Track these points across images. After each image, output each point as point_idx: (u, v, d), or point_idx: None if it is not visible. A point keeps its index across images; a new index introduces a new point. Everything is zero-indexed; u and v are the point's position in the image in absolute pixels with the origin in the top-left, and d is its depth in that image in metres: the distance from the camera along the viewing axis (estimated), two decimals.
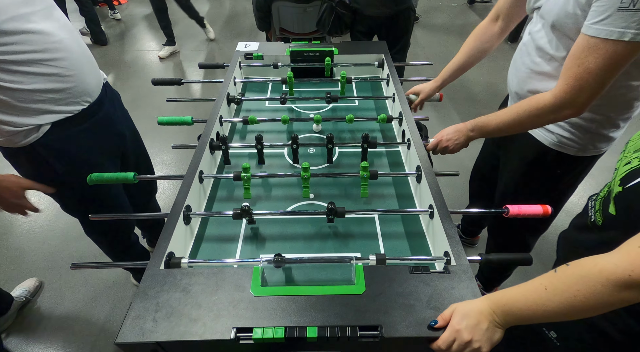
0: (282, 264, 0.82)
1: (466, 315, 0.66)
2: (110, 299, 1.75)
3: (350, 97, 1.59)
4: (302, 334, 0.67)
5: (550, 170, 1.15)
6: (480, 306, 0.66)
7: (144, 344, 0.67)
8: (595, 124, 1.01)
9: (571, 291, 0.57)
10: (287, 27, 2.69)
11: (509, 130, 1.01)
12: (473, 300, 0.69)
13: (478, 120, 1.08)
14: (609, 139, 1.06)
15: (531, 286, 0.62)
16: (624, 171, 0.65)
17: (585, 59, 0.79)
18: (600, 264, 0.56)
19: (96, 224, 1.39)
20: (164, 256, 0.82)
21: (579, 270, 0.58)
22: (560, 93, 0.86)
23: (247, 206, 0.95)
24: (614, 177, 0.69)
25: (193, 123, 1.31)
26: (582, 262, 0.58)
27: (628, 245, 0.55)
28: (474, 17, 4.86)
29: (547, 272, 0.62)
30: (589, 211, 0.78)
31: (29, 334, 1.61)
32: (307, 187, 1.07)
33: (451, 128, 1.14)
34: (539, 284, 0.61)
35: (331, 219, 1.01)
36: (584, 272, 0.57)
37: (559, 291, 0.58)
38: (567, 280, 0.58)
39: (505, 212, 0.94)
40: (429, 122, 1.38)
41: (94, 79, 1.15)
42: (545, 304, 0.59)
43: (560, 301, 0.58)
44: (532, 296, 0.61)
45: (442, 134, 1.15)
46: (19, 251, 1.98)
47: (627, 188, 0.62)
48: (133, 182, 1.05)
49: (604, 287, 0.54)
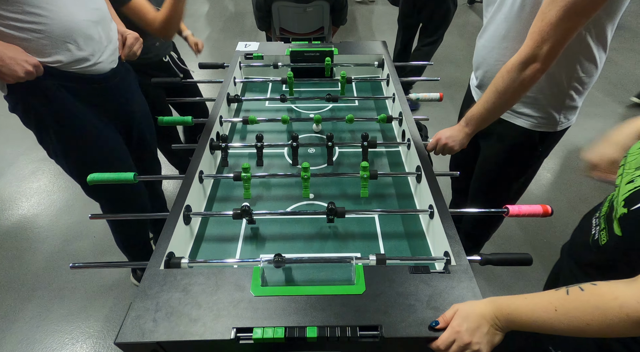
0: (282, 264, 0.82)
1: (467, 317, 0.65)
2: (110, 299, 1.75)
3: (350, 97, 1.59)
4: (302, 334, 0.67)
5: (534, 150, 1.24)
6: (482, 309, 0.66)
7: (144, 344, 0.67)
8: (567, 97, 1.10)
9: (585, 319, 0.55)
10: (287, 27, 2.69)
11: (496, 109, 1.04)
12: (475, 302, 0.68)
13: (467, 114, 1.12)
14: (576, 108, 1.15)
15: (540, 302, 0.60)
16: (628, 191, 0.62)
17: (548, 12, 0.84)
18: (621, 298, 0.53)
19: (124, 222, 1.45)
20: (164, 256, 0.82)
21: (596, 300, 0.55)
22: (525, 48, 0.92)
23: (247, 206, 0.95)
24: (616, 195, 0.66)
25: (193, 123, 1.31)
26: (598, 290, 0.56)
27: None
28: (474, 17, 4.87)
29: (558, 291, 0.60)
30: (593, 229, 0.75)
31: (29, 334, 1.61)
32: (307, 187, 1.07)
33: (447, 129, 1.18)
34: (549, 303, 0.59)
35: (331, 219, 1.01)
36: (601, 304, 0.54)
37: (571, 316, 0.56)
38: (581, 307, 0.56)
39: (505, 212, 0.94)
40: (429, 122, 1.38)
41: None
42: (554, 324, 0.58)
43: (570, 324, 0.57)
44: (540, 314, 0.60)
45: (440, 134, 1.17)
46: (19, 251, 1.98)
47: (633, 210, 0.58)
48: (133, 182, 1.05)
49: (623, 322, 0.52)
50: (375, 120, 1.36)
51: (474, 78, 1.30)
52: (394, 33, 3.11)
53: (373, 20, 4.93)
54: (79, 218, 2.17)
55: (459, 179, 1.63)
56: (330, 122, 1.47)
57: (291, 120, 1.40)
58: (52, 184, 2.40)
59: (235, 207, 0.96)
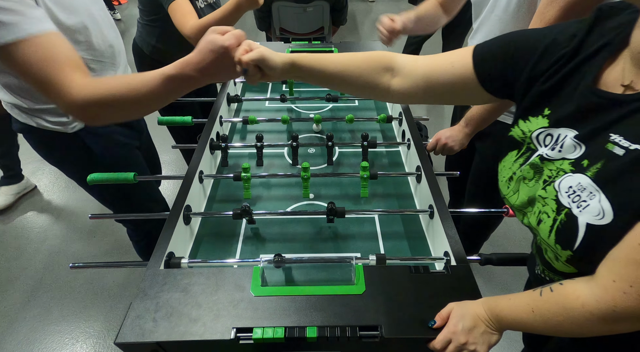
0: (282, 264, 0.82)
1: (463, 317, 0.66)
2: (110, 299, 1.75)
3: (350, 97, 1.58)
4: (302, 334, 0.67)
5: None
6: (476, 309, 0.66)
7: (144, 344, 0.67)
8: None
9: (557, 319, 0.55)
10: (287, 27, 2.69)
11: (496, 109, 1.05)
12: (471, 302, 0.68)
13: (467, 114, 1.12)
14: None
15: (519, 303, 0.61)
16: (550, 231, 0.55)
17: (547, 13, 0.84)
18: (582, 298, 0.53)
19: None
20: (164, 256, 0.82)
21: (562, 300, 0.55)
22: None
23: (247, 206, 0.95)
24: (540, 239, 0.59)
25: (193, 123, 1.31)
26: (564, 291, 0.56)
27: (603, 278, 0.51)
28: None
29: (534, 292, 0.60)
30: (542, 281, 0.70)
31: (29, 334, 1.61)
32: (307, 187, 1.07)
33: (447, 129, 1.18)
34: (526, 304, 0.60)
35: (331, 219, 1.01)
36: (567, 304, 0.54)
37: (545, 317, 0.57)
38: (551, 308, 0.56)
39: (505, 212, 0.94)
40: (429, 122, 1.38)
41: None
42: (534, 325, 0.59)
43: (546, 324, 0.57)
44: (521, 315, 0.60)
45: (440, 134, 1.18)
46: (19, 251, 1.98)
47: (578, 249, 0.52)
48: (133, 182, 1.05)
49: (589, 320, 0.52)
50: (375, 120, 1.36)
51: None
52: None
53: (373, 20, 4.93)
54: (79, 218, 2.17)
55: (455, 180, 1.64)
56: (330, 122, 1.47)
57: (291, 121, 1.41)
58: (52, 184, 2.40)
59: (236, 207, 0.96)
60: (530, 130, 0.61)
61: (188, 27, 1.28)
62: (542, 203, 0.57)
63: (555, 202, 0.55)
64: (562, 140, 0.56)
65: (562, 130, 0.57)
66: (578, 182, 0.52)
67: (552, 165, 0.57)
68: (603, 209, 0.49)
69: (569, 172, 0.54)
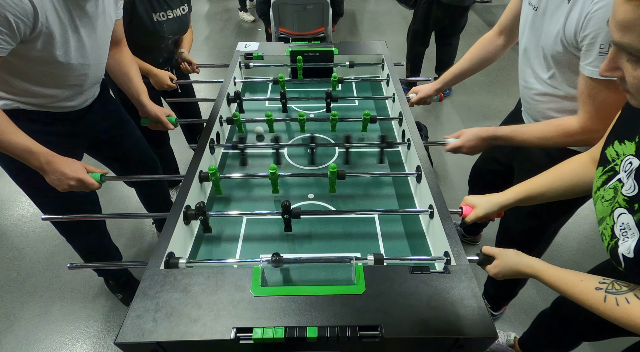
0: (281, 264, 0.82)
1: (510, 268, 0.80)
2: (110, 299, 1.75)
3: (350, 98, 1.58)
4: (302, 334, 0.67)
5: None
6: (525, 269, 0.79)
7: (144, 344, 0.67)
8: None
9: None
10: (287, 26, 2.69)
11: (531, 146, 1.06)
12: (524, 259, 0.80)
13: (501, 132, 1.07)
14: None
15: (575, 291, 0.69)
16: (607, 247, 0.65)
17: (599, 93, 0.87)
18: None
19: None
20: (163, 256, 0.82)
21: (627, 317, 0.62)
22: (588, 122, 0.92)
23: (203, 203, 0.94)
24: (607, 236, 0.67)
25: (177, 124, 1.33)
26: (631, 310, 0.62)
27: None
28: (473, 16, 4.87)
29: (599, 292, 0.66)
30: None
31: (29, 334, 1.61)
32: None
33: (473, 134, 1.11)
34: (585, 298, 0.67)
35: (289, 228, 1.00)
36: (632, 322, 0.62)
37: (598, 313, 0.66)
38: (611, 317, 0.64)
39: (460, 213, 0.95)
40: (429, 122, 1.38)
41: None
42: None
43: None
44: (570, 294, 0.70)
45: (464, 140, 1.11)
46: (19, 251, 1.98)
47: (625, 267, 0.61)
48: (100, 183, 1.05)
49: None
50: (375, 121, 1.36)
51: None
52: (394, 33, 3.11)
53: (373, 20, 4.93)
54: None
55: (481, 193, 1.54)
56: (329, 122, 1.46)
57: (290, 121, 1.41)
58: None
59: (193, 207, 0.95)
60: (625, 154, 0.65)
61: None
62: (604, 226, 0.67)
63: (611, 230, 0.64)
64: (630, 170, 0.62)
65: (636, 161, 0.61)
66: (628, 222, 0.60)
67: (620, 195, 0.63)
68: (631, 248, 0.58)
69: (623, 208, 0.61)
